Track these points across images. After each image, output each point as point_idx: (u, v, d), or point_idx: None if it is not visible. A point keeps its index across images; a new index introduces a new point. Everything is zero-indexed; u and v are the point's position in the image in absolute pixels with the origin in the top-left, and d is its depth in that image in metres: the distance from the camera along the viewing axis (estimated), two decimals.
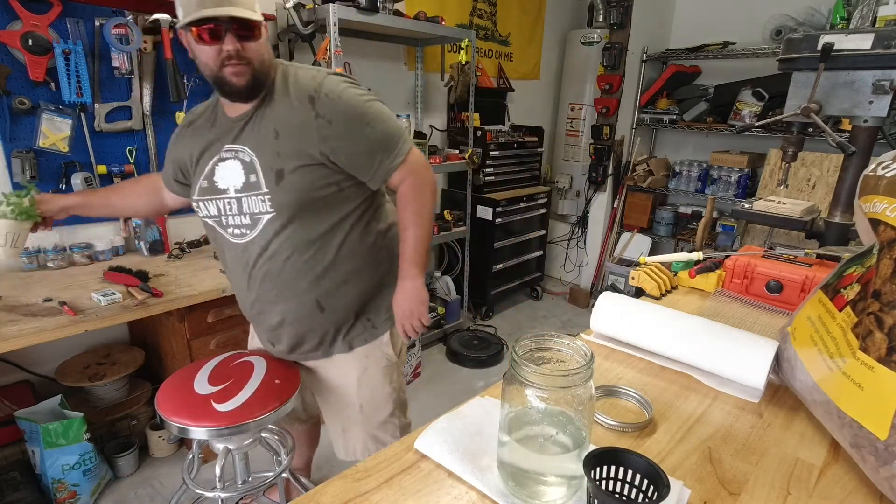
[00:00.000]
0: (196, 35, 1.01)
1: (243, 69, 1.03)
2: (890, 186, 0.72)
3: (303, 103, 1.10)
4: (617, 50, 3.39)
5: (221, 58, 1.02)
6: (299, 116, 1.10)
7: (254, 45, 1.04)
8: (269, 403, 1.23)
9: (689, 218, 3.73)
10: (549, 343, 0.61)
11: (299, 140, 1.10)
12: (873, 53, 1.22)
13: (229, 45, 1.01)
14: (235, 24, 1.00)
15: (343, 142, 1.10)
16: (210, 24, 0.99)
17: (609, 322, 0.97)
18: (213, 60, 1.03)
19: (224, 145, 1.16)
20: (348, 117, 1.10)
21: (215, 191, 1.18)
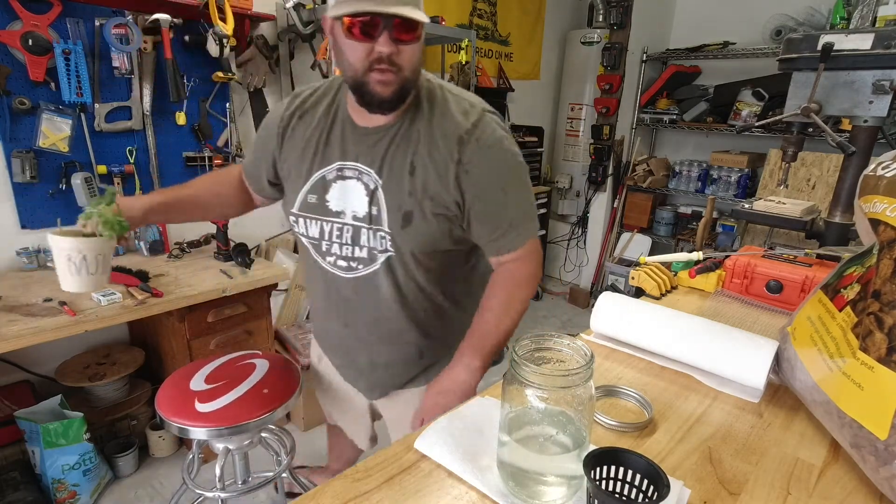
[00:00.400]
0: (347, 28, 0.84)
1: (392, 77, 0.86)
2: (890, 186, 0.72)
3: (448, 142, 0.94)
4: (617, 50, 3.39)
5: (371, 59, 0.85)
6: (441, 155, 0.94)
7: (410, 49, 0.87)
8: (254, 410, 1.22)
9: (689, 218, 3.73)
10: (548, 343, 0.61)
11: (437, 183, 0.94)
12: (873, 53, 1.22)
13: (384, 46, 0.83)
14: (397, 21, 0.83)
15: (475, 199, 0.96)
16: (368, 18, 0.82)
17: (609, 322, 0.97)
18: (360, 61, 0.86)
19: (347, 160, 0.99)
20: (491, 175, 0.95)
21: (324, 211, 1.01)
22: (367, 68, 0.86)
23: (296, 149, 1.03)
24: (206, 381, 1.30)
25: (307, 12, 2.19)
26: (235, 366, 1.38)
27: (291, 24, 2.20)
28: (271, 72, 2.33)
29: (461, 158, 0.93)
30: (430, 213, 0.96)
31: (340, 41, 0.87)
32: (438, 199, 0.95)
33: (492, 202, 0.96)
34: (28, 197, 1.85)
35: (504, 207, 0.98)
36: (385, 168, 0.96)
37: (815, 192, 2.98)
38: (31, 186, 1.84)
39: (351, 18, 0.83)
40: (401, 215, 0.96)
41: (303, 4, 2.18)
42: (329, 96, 1.03)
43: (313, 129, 1.02)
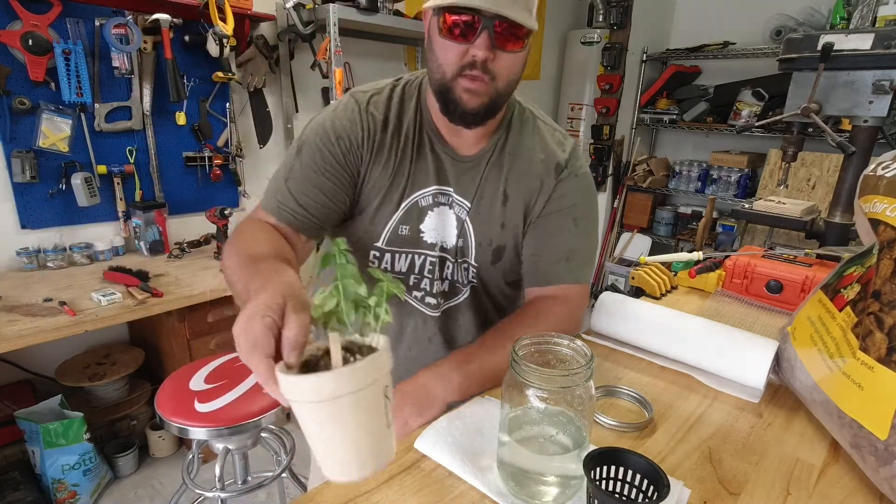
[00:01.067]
0: (444, 24, 0.73)
1: (482, 87, 0.75)
2: (890, 186, 0.72)
3: (548, 169, 0.87)
4: (617, 50, 3.39)
5: (463, 63, 0.74)
6: (534, 184, 0.87)
7: (510, 57, 0.75)
8: (254, 410, 1.22)
9: (689, 218, 3.73)
10: (549, 343, 0.61)
11: (525, 210, 0.88)
12: (873, 53, 1.22)
13: (480, 49, 0.72)
14: (499, 23, 0.71)
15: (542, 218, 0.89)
16: (467, 15, 0.71)
17: (609, 322, 0.97)
18: (451, 64, 0.75)
19: (442, 185, 0.87)
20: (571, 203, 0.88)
21: (417, 243, 0.89)
22: (456, 73, 0.75)
23: (385, 169, 0.85)
24: (206, 381, 1.30)
25: (307, 12, 2.19)
26: (235, 366, 1.38)
27: (291, 24, 2.20)
28: (271, 72, 2.33)
29: (556, 189, 0.87)
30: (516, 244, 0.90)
31: (434, 39, 0.76)
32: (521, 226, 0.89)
33: (558, 226, 0.89)
34: (28, 197, 1.85)
35: (569, 235, 0.89)
36: (477, 197, 0.87)
37: (815, 192, 2.98)
38: (31, 186, 1.84)
39: (451, 15, 0.72)
40: (491, 250, 0.89)
41: (303, 4, 2.18)
42: (411, 104, 0.87)
43: (403, 145, 0.85)
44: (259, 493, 1.82)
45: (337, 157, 0.83)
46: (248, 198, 2.44)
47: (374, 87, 0.88)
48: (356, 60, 2.66)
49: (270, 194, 0.83)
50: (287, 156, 0.85)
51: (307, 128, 0.86)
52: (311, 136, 0.83)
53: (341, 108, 0.85)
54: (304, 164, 0.82)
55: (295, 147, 0.84)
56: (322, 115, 0.86)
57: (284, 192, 0.82)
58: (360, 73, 2.70)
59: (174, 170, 2.19)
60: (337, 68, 2.15)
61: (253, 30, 2.26)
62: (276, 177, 0.84)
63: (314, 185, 0.82)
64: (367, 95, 0.86)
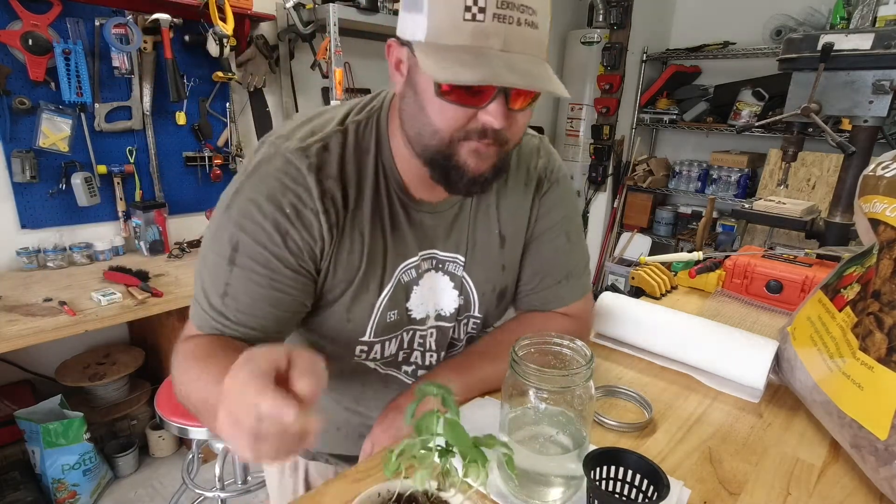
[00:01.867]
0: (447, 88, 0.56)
1: (492, 151, 0.61)
2: (890, 186, 0.72)
3: (529, 187, 0.79)
4: (617, 50, 3.39)
5: (468, 129, 0.59)
6: (525, 211, 0.80)
7: (523, 116, 0.61)
8: None
9: (689, 218, 3.73)
10: (549, 343, 0.61)
11: (524, 244, 0.81)
12: (873, 53, 1.22)
13: (496, 118, 0.57)
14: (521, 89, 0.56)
15: (534, 240, 0.82)
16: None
17: (609, 322, 0.97)
18: (452, 129, 0.59)
19: (426, 250, 0.74)
20: (557, 215, 0.82)
21: (409, 322, 0.77)
22: (460, 137, 0.59)
23: (352, 254, 0.68)
24: None
25: (307, 12, 2.19)
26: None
27: (291, 23, 2.20)
28: (271, 72, 2.33)
29: (542, 206, 0.81)
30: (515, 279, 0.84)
31: (424, 94, 0.59)
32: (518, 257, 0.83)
33: (552, 248, 0.82)
34: (28, 197, 1.85)
35: (564, 255, 0.83)
36: (470, 246, 0.77)
37: (815, 192, 2.98)
38: (31, 186, 1.84)
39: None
40: (495, 296, 0.81)
41: (303, 4, 2.18)
42: (368, 160, 0.69)
43: (371, 220, 0.69)
44: (259, 493, 1.82)
45: (288, 262, 0.64)
46: None
47: (314, 138, 0.65)
48: (356, 60, 2.66)
49: (205, 313, 0.64)
50: (210, 258, 0.64)
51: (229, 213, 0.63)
52: (245, 238, 0.62)
53: (277, 185, 0.62)
54: (243, 276, 0.63)
55: (222, 249, 0.63)
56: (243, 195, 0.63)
57: (224, 311, 0.64)
58: (360, 73, 2.70)
59: (174, 170, 2.19)
60: (337, 68, 2.15)
61: (253, 30, 2.26)
62: (206, 289, 0.64)
63: (264, 300, 0.64)
64: (310, 159, 0.64)
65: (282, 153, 0.64)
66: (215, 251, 0.64)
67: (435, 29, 0.54)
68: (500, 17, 0.53)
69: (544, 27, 0.57)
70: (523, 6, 0.53)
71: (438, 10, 0.53)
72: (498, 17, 0.52)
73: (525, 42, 0.55)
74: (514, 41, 0.54)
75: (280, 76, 2.40)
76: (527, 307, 0.86)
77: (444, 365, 0.80)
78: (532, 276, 0.83)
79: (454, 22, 0.53)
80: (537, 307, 0.85)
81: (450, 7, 0.53)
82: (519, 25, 0.54)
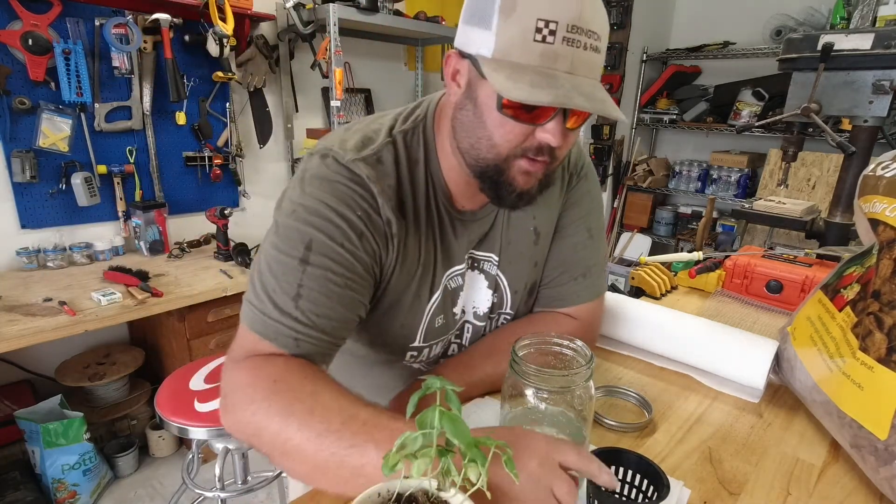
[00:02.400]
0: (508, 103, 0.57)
1: (541, 168, 0.62)
2: (890, 186, 0.72)
3: (563, 181, 0.80)
4: (617, 50, 3.39)
5: (525, 145, 0.60)
6: (556, 201, 0.80)
7: (574, 135, 0.63)
8: None
9: (689, 218, 3.73)
10: (549, 343, 0.61)
11: (551, 235, 0.82)
12: (873, 53, 1.22)
13: (554, 136, 0.58)
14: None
15: (561, 244, 0.82)
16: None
17: (609, 322, 0.97)
18: (510, 145, 0.60)
19: (465, 256, 0.76)
20: (581, 210, 0.82)
21: (453, 326, 0.79)
22: (516, 154, 0.60)
23: (411, 262, 0.70)
24: (206, 381, 1.30)
25: (307, 12, 2.19)
26: None
27: (291, 23, 2.20)
28: (271, 72, 2.33)
29: (568, 199, 0.81)
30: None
31: (484, 107, 0.59)
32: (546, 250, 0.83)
33: (572, 243, 0.82)
34: (28, 197, 1.85)
35: (585, 251, 0.82)
36: (504, 245, 0.78)
37: (815, 192, 2.98)
38: (31, 186, 1.84)
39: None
40: (526, 291, 0.82)
41: (303, 4, 2.18)
42: (419, 171, 0.70)
43: (426, 230, 0.71)
44: (259, 493, 1.82)
45: (363, 262, 0.64)
46: (248, 197, 2.44)
47: (368, 150, 0.66)
48: (356, 60, 2.66)
49: (274, 321, 0.60)
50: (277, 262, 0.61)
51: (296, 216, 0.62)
52: (319, 236, 0.61)
53: (345, 188, 0.63)
54: (319, 275, 0.61)
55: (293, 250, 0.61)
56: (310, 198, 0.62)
57: (299, 316, 0.60)
58: (360, 73, 2.70)
59: (174, 169, 2.19)
60: (337, 68, 2.15)
61: (253, 30, 2.26)
62: (273, 296, 0.60)
63: (339, 301, 0.62)
64: (370, 169, 0.64)
65: (341, 161, 0.64)
66: (284, 252, 0.61)
67: (504, 47, 0.55)
68: (569, 40, 0.54)
69: (604, 51, 0.59)
70: (591, 31, 0.55)
71: (509, 30, 0.54)
72: (567, 40, 0.54)
73: (589, 66, 0.57)
74: (579, 65, 0.55)
75: (280, 76, 2.40)
76: (541, 302, 0.85)
77: (446, 364, 0.81)
78: (551, 269, 0.83)
79: (525, 42, 0.54)
80: (551, 302, 0.84)
81: (522, 28, 0.54)
82: (585, 50, 0.55)
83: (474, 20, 0.58)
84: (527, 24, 0.53)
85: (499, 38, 0.55)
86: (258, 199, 2.49)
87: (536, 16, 0.53)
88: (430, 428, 0.40)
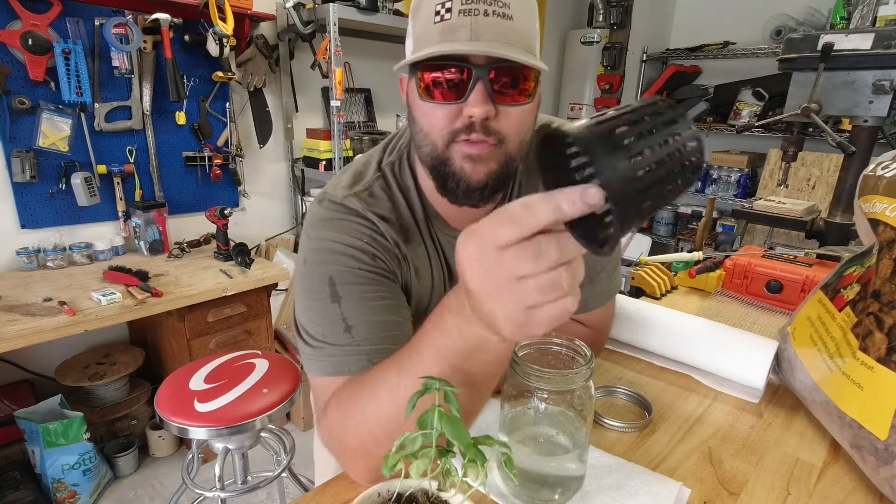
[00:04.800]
0: (423, 83, 0.58)
1: (487, 150, 0.59)
2: (889, 186, 0.72)
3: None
4: (617, 50, 3.39)
5: (456, 127, 0.58)
6: None
7: (517, 111, 0.59)
8: (253, 410, 1.22)
9: (689, 218, 3.73)
10: (548, 343, 0.61)
11: None
12: (873, 53, 1.22)
13: (476, 105, 0.55)
14: (496, 70, 0.56)
15: None
16: (452, 66, 0.56)
17: None
18: (440, 130, 0.59)
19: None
20: None
21: None
22: (449, 139, 0.59)
23: (425, 279, 0.73)
24: (206, 381, 1.30)
25: (307, 12, 2.19)
26: (235, 365, 1.38)
27: (291, 23, 2.20)
28: (271, 72, 2.33)
29: None
30: None
31: (414, 104, 0.61)
32: None
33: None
34: (28, 197, 1.85)
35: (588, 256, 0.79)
36: None
37: (815, 192, 2.98)
38: (31, 186, 1.84)
39: (430, 72, 0.56)
40: None
41: (303, 4, 2.18)
42: (413, 197, 0.71)
43: (428, 254, 0.73)
44: (259, 493, 1.82)
45: (384, 273, 0.66)
46: (247, 197, 2.44)
47: (358, 186, 0.69)
48: (356, 60, 2.66)
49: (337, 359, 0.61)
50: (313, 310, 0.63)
51: (312, 262, 0.65)
52: (337, 269, 0.63)
53: (346, 224, 0.66)
54: (354, 300, 0.62)
55: (321, 293, 0.63)
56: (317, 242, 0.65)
57: (360, 342, 0.61)
58: (360, 73, 2.70)
59: (174, 169, 2.19)
60: (337, 68, 2.15)
61: (253, 29, 2.26)
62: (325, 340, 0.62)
63: (383, 312, 0.63)
64: (364, 202, 0.67)
65: (336, 201, 0.67)
66: (314, 298, 0.63)
67: (416, 43, 0.58)
68: (465, 11, 0.54)
69: (525, 20, 0.57)
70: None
71: (417, 25, 0.58)
72: (463, 11, 0.54)
73: (496, 31, 0.55)
74: (482, 30, 0.54)
75: (280, 76, 2.40)
76: None
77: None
78: None
79: (427, 29, 0.56)
80: None
81: (424, 19, 0.56)
82: (486, 16, 0.54)
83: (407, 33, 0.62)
84: (428, 13, 0.56)
85: (413, 37, 0.59)
86: (258, 199, 2.49)
87: (435, 3, 0.55)
88: (430, 428, 0.40)
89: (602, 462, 0.64)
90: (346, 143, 2.29)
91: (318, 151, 2.36)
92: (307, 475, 1.82)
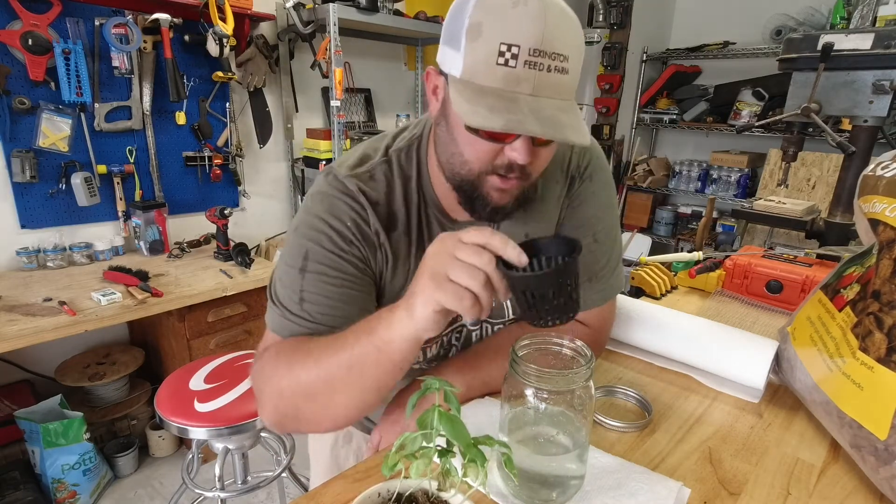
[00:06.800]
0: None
1: (515, 185, 0.65)
2: (889, 186, 0.72)
3: (562, 186, 0.79)
4: (617, 50, 3.38)
5: (495, 163, 0.62)
6: (551, 205, 0.79)
7: (547, 151, 0.64)
8: (253, 410, 1.22)
9: (689, 218, 3.73)
10: (548, 343, 0.61)
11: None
12: (873, 53, 1.22)
13: (520, 153, 0.60)
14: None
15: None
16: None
17: None
18: (480, 162, 0.63)
19: None
20: (588, 217, 0.80)
21: (447, 327, 0.81)
22: (486, 171, 0.63)
23: (404, 271, 0.75)
24: (206, 381, 1.30)
25: (307, 12, 2.19)
26: (235, 365, 1.38)
27: (291, 23, 2.20)
28: (271, 71, 2.33)
29: (571, 202, 0.80)
30: None
31: (456, 127, 0.63)
32: None
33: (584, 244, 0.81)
34: (28, 197, 1.85)
35: (590, 256, 0.80)
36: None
37: (815, 192, 2.98)
38: (31, 186, 1.84)
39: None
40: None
41: (303, 4, 2.18)
42: (412, 187, 0.74)
43: (417, 242, 0.75)
44: (259, 493, 1.82)
45: (354, 262, 0.69)
46: (247, 197, 2.44)
47: (362, 168, 0.72)
48: (356, 60, 2.66)
49: (287, 320, 0.68)
50: (284, 273, 0.70)
51: (297, 232, 0.70)
52: (313, 247, 0.68)
53: (336, 202, 0.70)
54: (316, 280, 0.68)
55: (294, 261, 0.69)
56: (308, 214, 0.70)
57: (305, 316, 0.68)
58: (360, 73, 2.70)
59: (174, 169, 2.19)
60: (337, 68, 2.15)
61: (253, 29, 2.26)
62: (284, 302, 0.69)
63: (339, 299, 0.68)
64: (360, 184, 0.71)
65: (335, 176, 0.71)
66: (288, 264, 0.70)
67: (470, 68, 0.57)
68: (531, 64, 0.55)
69: (575, 71, 0.59)
70: (555, 54, 0.56)
71: (475, 53, 0.56)
72: (529, 64, 0.55)
73: (554, 88, 0.57)
74: (543, 87, 0.56)
75: (280, 76, 2.40)
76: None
77: (448, 364, 0.80)
78: None
79: (488, 65, 0.56)
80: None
81: (486, 52, 0.55)
82: (549, 72, 0.56)
83: (448, 40, 0.60)
84: (490, 47, 0.55)
85: (466, 60, 0.57)
86: (258, 198, 2.49)
87: (500, 40, 0.54)
88: (429, 428, 0.40)
89: (602, 462, 0.64)
90: (346, 143, 2.29)
91: (318, 151, 2.36)
92: (307, 475, 1.82)
